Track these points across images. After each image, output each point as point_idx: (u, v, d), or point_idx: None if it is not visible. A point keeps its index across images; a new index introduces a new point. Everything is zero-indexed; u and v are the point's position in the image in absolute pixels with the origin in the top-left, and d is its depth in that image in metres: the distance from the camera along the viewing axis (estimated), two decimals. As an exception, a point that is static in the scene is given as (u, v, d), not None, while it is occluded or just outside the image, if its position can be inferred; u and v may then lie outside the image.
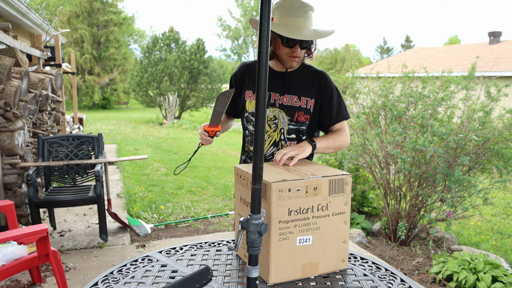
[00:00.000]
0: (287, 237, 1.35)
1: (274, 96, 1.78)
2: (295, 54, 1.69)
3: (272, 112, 1.79)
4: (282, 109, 1.77)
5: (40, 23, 6.36)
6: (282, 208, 1.33)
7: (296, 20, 1.63)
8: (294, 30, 1.61)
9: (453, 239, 4.14)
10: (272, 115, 1.78)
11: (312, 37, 1.64)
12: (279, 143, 1.79)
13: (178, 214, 4.80)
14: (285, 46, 1.68)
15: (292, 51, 1.68)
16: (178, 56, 18.97)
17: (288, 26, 1.62)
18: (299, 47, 1.68)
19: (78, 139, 4.08)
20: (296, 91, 1.78)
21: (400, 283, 1.40)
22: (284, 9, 1.65)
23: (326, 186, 1.37)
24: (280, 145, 1.79)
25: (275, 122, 1.78)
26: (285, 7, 1.65)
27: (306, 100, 1.78)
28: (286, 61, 1.72)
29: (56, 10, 22.90)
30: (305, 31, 1.63)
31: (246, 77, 1.84)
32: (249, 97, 1.83)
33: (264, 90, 1.11)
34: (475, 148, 3.74)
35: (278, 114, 1.78)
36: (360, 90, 4.59)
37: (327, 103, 1.81)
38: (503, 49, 13.81)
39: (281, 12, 1.66)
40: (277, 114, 1.78)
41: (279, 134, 1.78)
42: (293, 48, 1.67)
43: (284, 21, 1.64)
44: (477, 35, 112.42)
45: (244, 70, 1.86)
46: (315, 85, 1.79)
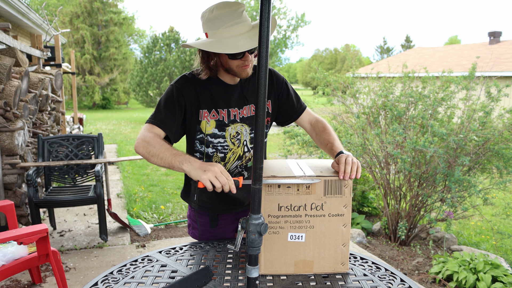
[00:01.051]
0: (277, 231, 1.39)
1: (233, 112, 1.64)
2: (247, 63, 1.54)
3: (233, 129, 1.65)
4: (244, 122, 1.67)
5: (40, 23, 6.36)
6: (271, 202, 1.37)
7: (233, 29, 1.46)
8: (237, 42, 1.45)
9: (453, 239, 4.14)
10: (235, 131, 1.65)
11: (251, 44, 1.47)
12: (243, 156, 1.70)
13: (178, 214, 4.80)
14: (233, 59, 1.52)
15: (243, 62, 1.53)
16: (178, 56, 18.97)
17: (229, 39, 1.46)
18: (249, 55, 1.52)
19: (78, 139, 4.08)
20: (252, 99, 1.67)
21: (400, 283, 1.40)
22: (215, 22, 1.47)
23: (320, 186, 1.37)
24: (244, 157, 1.70)
25: (238, 138, 1.66)
26: (216, 20, 1.47)
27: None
28: (240, 72, 1.56)
29: (56, 10, 22.90)
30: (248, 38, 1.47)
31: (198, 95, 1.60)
32: (205, 118, 1.61)
33: (264, 90, 1.11)
34: (475, 148, 3.74)
35: (241, 128, 1.66)
36: (360, 90, 4.59)
37: (285, 97, 1.75)
38: (503, 49, 13.81)
39: (213, 26, 1.48)
40: (239, 129, 1.66)
41: (243, 147, 1.68)
42: (242, 58, 1.52)
43: (221, 35, 1.47)
44: (477, 35, 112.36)
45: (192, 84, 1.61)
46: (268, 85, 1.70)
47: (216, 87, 1.63)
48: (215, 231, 1.78)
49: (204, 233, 1.80)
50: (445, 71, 4.29)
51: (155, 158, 1.45)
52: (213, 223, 1.77)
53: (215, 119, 1.62)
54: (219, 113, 1.62)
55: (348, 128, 4.44)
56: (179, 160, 1.39)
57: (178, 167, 1.39)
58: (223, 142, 1.65)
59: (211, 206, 1.75)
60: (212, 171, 1.30)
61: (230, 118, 1.64)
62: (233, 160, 1.70)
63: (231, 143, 1.66)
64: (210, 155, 1.67)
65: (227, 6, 1.47)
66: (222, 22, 1.46)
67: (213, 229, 1.78)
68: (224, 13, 1.46)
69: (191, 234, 1.87)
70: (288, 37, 37.90)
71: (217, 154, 1.66)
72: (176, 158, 1.40)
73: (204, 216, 1.78)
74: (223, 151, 1.66)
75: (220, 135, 1.64)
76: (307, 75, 9.74)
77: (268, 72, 1.13)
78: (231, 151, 1.67)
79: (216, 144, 1.65)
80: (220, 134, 1.64)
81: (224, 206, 1.74)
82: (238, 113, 1.66)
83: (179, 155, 1.40)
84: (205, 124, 1.62)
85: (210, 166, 1.32)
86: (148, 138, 1.50)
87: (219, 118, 1.62)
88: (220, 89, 1.63)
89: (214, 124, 1.63)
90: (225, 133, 1.64)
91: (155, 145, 1.47)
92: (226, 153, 1.67)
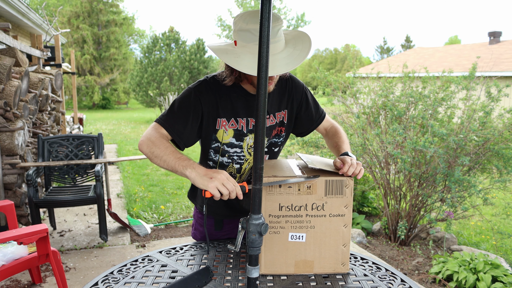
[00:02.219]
0: (278, 231, 1.39)
1: (252, 122, 1.56)
2: (271, 81, 1.47)
3: (251, 139, 1.57)
4: None
5: (40, 23, 6.36)
6: (272, 202, 1.37)
7: None
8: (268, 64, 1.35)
9: (453, 239, 4.14)
10: (252, 142, 1.57)
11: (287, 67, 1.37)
12: None
13: (178, 214, 4.80)
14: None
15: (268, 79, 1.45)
16: (178, 56, 18.97)
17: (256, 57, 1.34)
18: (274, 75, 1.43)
19: (78, 139, 4.08)
20: (271, 110, 1.59)
21: (400, 283, 1.40)
22: (248, 36, 1.35)
23: (321, 186, 1.37)
24: None
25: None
26: (249, 34, 1.35)
27: (280, 114, 1.63)
28: None
29: (56, 10, 22.89)
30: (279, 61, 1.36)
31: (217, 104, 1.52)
32: (223, 126, 1.54)
33: (264, 90, 1.11)
34: (475, 148, 3.74)
35: None
36: (361, 90, 4.59)
37: (305, 107, 1.66)
38: (503, 49, 13.81)
39: (245, 39, 1.36)
40: None
41: None
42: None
43: (252, 51, 1.35)
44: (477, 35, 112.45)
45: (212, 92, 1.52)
46: (285, 95, 1.62)
47: (237, 95, 1.54)
48: (219, 234, 1.77)
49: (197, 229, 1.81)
50: (445, 71, 4.29)
51: (158, 160, 1.41)
52: (217, 226, 1.76)
53: (233, 128, 1.55)
54: (239, 122, 1.55)
55: (348, 128, 4.44)
56: (182, 165, 1.35)
57: (181, 172, 1.34)
58: (239, 152, 1.59)
59: (217, 211, 1.72)
60: (218, 178, 1.26)
61: (249, 128, 1.56)
62: (248, 171, 1.64)
63: (248, 154, 1.59)
64: (225, 165, 1.60)
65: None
66: (255, 38, 1.33)
67: (217, 232, 1.77)
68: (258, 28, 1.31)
69: (193, 235, 1.85)
70: (288, 37, 37.82)
71: (233, 165, 1.60)
72: (179, 163, 1.35)
73: (209, 219, 1.75)
74: (239, 162, 1.60)
75: (238, 145, 1.57)
76: (307, 75, 9.74)
77: (267, 71, 1.11)
78: (247, 161, 1.61)
79: (232, 154, 1.58)
80: (238, 144, 1.57)
81: (230, 211, 1.71)
82: None
83: (183, 160, 1.36)
84: (222, 133, 1.55)
85: (215, 174, 1.28)
86: (153, 138, 1.45)
87: (237, 128, 1.55)
88: (241, 98, 1.55)
89: (232, 133, 1.55)
90: (242, 143, 1.58)
91: (160, 146, 1.42)
92: (242, 164, 1.61)
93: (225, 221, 1.76)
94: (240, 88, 1.55)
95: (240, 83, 1.54)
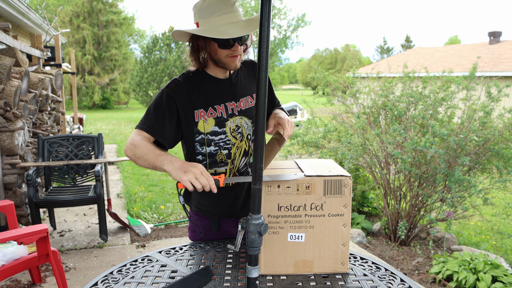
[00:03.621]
0: (277, 231, 1.39)
1: (230, 106, 1.63)
2: (236, 53, 1.54)
3: (233, 122, 1.64)
4: (243, 115, 1.66)
5: (40, 23, 6.36)
6: (271, 202, 1.37)
7: (224, 18, 1.48)
8: (227, 30, 1.47)
9: (453, 239, 4.14)
10: (234, 125, 1.64)
11: (247, 30, 1.49)
12: (249, 151, 1.69)
13: (178, 214, 4.80)
14: (223, 48, 1.52)
15: (232, 51, 1.53)
16: (178, 56, 18.97)
17: (218, 27, 1.47)
18: (238, 45, 1.53)
19: (78, 139, 4.08)
20: (246, 91, 1.68)
21: (400, 283, 1.40)
22: (207, 11, 1.49)
23: (320, 186, 1.37)
24: (250, 153, 1.70)
25: (239, 131, 1.65)
26: (208, 9, 1.49)
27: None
28: (229, 63, 1.56)
29: (56, 10, 22.90)
30: (239, 27, 1.49)
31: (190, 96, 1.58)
32: (202, 117, 1.59)
33: (264, 90, 1.11)
34: (475, 148, 3.74)
35: (240, 121, 1.66)
36: (361, 90, 4.59)
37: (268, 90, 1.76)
38: (503, 49, 13.81)
39: (205, 15, 1.49)
40: (238, 122, 1.65)
41: (247, 142, 1.68)
42: (232, 48, 1.53)
43: (213, 23, 1.49)
44: (477, 35, 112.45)
45: (183, 87, 1.59)
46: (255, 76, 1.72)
47: (208, 84, 1.61)
48: (216, 234, 1.76)
49: (206, 236, 1.78)
50: (446, 71, 4.29)
51: (140, 160, 1.46)
52: (214, 226, 1.75)
53: (213, 117, 1.60)
54: (217, 109, 1.60)
55: (348, 128, 4.44)
56: (160, 160, 1.38)
57: (160, 168, 1.38)
58: (224, 138, 1.62)
59: (212, 210, 1.72)
60: (192, 172, 1.31)
61: (228, 112, 1.62)
62: (239, 156, 1.68)
63: (233, 137, 1.64)
64: (214, 153, 1.63)
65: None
66: (214, 10, 1.47)
67: (214, 232, 1.76)
68: (216, 1, 1.48)
69: (190, 237, 1.84)
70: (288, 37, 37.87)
71: (221, 151, 1.63)
72: (158, 158, 1.39)
73: (204, 219, 1.75)
74: (226, 147, 1.63)
75: (221, 131, 1.61)
76: (307, 75, 9.74)
77: (267, 70, 1.12)
78: (234, 145, 1.65)
79: (217, 141, 1.62)
80: (221, 131, 1.61)
81: (225, 211, 1.71)
82: (236, 106, 1.65)
83: (161, 155, 1.40)
84: (202, 123, 1.59)
85: (190, 167, 1.32)
86: (135, 141, 1.49)
87: (217, 115, 1.60)
88: (212, 85, 1.62)
89: (213, 122, 1.60)
90: (225, 129, 1.62)
91: (141, 147, 1.47)
92: (230, 149, 1.64)
93: (221, 222, 1.75)
94: (209, 76, 1.62)
95: (206, 70, 1.63)
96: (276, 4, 35.01)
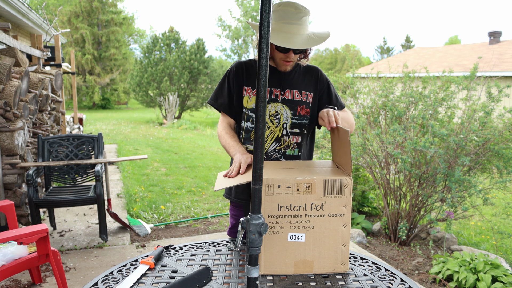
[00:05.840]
0: (277, 231, 1.40)
1: (275, 92, 1.78)
2: (289, 59, 1.72)
3: (274, 107, 1.78)
4: (285, 104, 1.78)
5: (40, 23, 6.36)
6: (271, 203, 1.38)
7: (289, 27, 1.63)
8: (287, 38, 1.62)
9: (453, 239, 4.14)
10: (274, 110, 1.78)
11: (304, 45, 1.64)
12: (281, 138, 1.79)
13: (178, 214, 4.80)
14: (278, 51, 1.70)
15: (286, 56, 1.70)
16: (178, 56, 18.98)
17: (281, 33, 1.63)
18: (293, 53, 1.69)
19: (78, 139, 4.08)
20: (295, 86, 1.81)
21: (400, 283, 1.40)
22: (278, 15, 1.65)
23: (320, 186, 1.37)
24: (282, 140, 1.79)
25: (277, 117, 1.78)
26: (279, 13, 1.64)
27: (306, 94, 1.82)
28: (280, 65, 1.75)
29: (56, 10, 22.89)
30: (298, 39, 1.64)
31: (244, 74, 1.82)
32: (248, 93, 1.81)
33: (264, 90, 1.11)
34: (475, 148, 3.74)
35: (281, 109, 1.78)
36: (361, 90, 4.59)
37: (326, 95, 1.86)
38: (503, 49, 13.80)
39: (275, 18, 1.65)
40: (279, 109, 1.78)
41: (281, 130, 1.79)
42: (286, 53, 1.69)
43: (278, 28, 1.64)
44: (477, 35, 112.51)
45: (242, 66, 1.83)
46: (312, 80, 1.85)
47: None
48: None
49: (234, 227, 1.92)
50: (446, 71, 4.29)
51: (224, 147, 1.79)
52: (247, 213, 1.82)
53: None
54: None
55: (348, 128, 4.43)
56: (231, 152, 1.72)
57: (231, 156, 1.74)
58: None
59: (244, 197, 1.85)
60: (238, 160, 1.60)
61: (272, 97, 1.78)
62: (271, 140, 1.79)
63: (270, 121, 1.78)
64: (249, 130, 1.80)
65: (293, 7, 1.64)
66: (282, 17, 1.64)
67: None
68: (287, 10, 1.63)
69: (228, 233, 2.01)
70: (288, 37, 37.71)
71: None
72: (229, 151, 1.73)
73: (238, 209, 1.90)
74: None
75: None
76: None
77: (267, 71, 1.13)
78: (269, 129, 1.79)
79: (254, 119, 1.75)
80: None
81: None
82: (280, 93, 1.79)
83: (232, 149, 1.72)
84: (247, 99, 1.80)
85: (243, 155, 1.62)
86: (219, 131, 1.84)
87: None
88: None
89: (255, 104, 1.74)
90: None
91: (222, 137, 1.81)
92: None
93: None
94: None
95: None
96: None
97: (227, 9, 59.29)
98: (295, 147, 1.82)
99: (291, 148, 1.81)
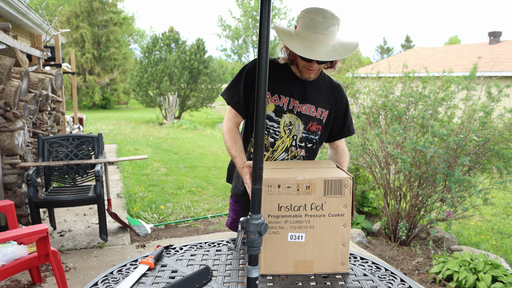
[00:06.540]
0: (277, 231, 1.40)
1: (293, 103, 1.75)
2: (312, 68, 1.68)
3: (288, 118, 1.75)
4: (299, 117, 1.76)
5: (40, 23, 6.36)
6: (271, 203, 1.38)
7: (315, 36, 1.55)
8: (310, 48, 1.55)
9: (453, 239, 4.14)
10: (288, 121, 1.76)
11: (327, 57, 1.56)
12: (290, 148, 1.78)
13: (178, 214, 4.80)
14: (302, 59, 1.65)
15: (309, 65, 1.66)
16: (178, 56, 18.97)
17: (305, 41, 1.56)
18: (316, 63, 1.65)
19: (78, 139, 4.08)
20: (314, 101, 1.77)
21: (400, 283, 1.40)
22: (304, 23, 1.58)
23: (320, 186, 1.37)
24: (290, 151, 1.78)
25: (290, 128, 1.76)
26: (306, 21, 1.57)
27: (322, 111, 1.80)
28: (303, 72, 1.71)
29: (56, 10, 22.89)
30: (322, 50, 1.55)
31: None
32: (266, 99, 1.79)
33: (264, 90, 1.11)
34: (475, 148, 3.74)
35: (295, 121, 1.76)
36: (360, 90, 4.59)
37: (342, 116, 1.85)
38: (503, 49, 13.80)
39: (301, 25, 1.59)
40: (293, 120, 1.76)
41: (291, 140, 1.77)
42: (309, 62, 1.65)
43: (303, 35, 1.58)
44: (477, 35, 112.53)
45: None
46: (332, 98, 1.81)
47: (286, 76, 1.74)
48: None
49: (234, 221, 1.92)
50: (446, 71, 4.29)
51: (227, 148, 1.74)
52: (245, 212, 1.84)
53: (275, 104, 1.74)
54: (281, 99, 1.73)
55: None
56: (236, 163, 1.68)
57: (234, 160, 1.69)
58: (276, 127, 1.75)
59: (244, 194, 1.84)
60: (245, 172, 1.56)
61: (289, 107, 1.75)
62: (281, 150, 1.78)
63: (283, 131, 1.77)
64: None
65: (321, 16, 1.56)
66: (308, 26, 1.57)
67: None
68: (315, 19, 1.56)
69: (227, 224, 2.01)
70: (288, 37, 37.72)
71: (268, 138, 1.76)
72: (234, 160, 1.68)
73: (238, 204, 1.89)
74: (274, 136, 1.76)
75: (276, 120, 1.74)
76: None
77: (267, 71, 1.12)
78: (281, 139, 1.77)
79: (269, 126, 1.75)
80: (276, 119, 1.74)
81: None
82: (298, 106, 1.76)
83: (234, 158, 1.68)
84: None
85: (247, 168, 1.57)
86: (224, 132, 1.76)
87: (279, 104, 1.73)
88: (288, 79, 1.74)
89: (272, 107, 1.74)
90: (280, 119, 1.75)
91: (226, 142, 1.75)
92: (276, 140, 1.76)
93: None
94: (290, 70, 1.76)
95: (290, 66, 1.76)
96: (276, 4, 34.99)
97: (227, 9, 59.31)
98: (301, 159, 1.81)
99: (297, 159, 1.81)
